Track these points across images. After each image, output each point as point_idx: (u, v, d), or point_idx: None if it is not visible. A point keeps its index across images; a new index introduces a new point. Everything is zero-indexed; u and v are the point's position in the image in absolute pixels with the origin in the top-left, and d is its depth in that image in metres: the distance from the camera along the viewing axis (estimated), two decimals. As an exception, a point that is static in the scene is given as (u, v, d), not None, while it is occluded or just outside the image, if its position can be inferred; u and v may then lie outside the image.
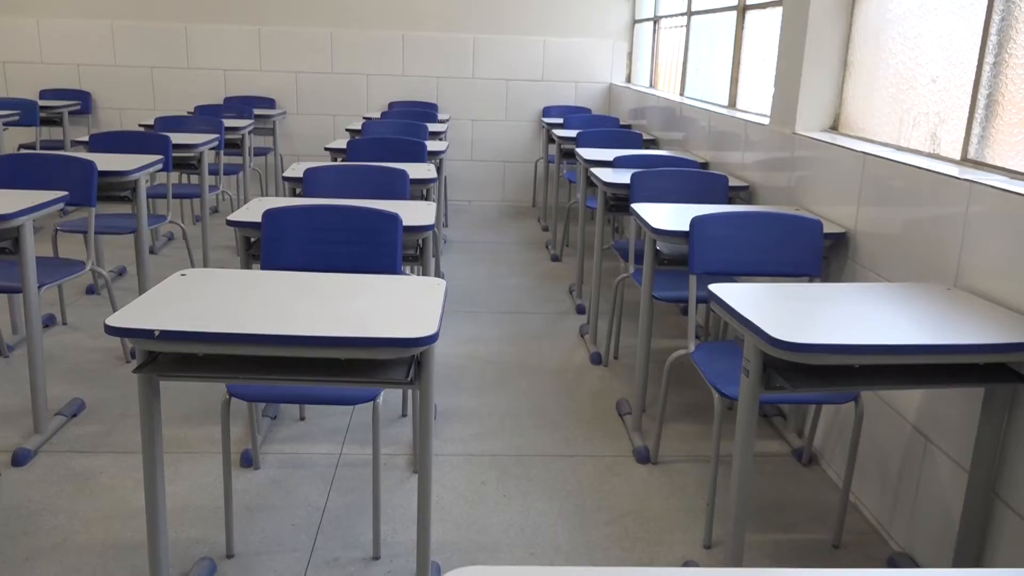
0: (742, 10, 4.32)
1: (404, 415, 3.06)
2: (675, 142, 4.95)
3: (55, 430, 2.85)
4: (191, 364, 1.72)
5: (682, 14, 5.54)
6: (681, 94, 5.44)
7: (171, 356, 1.72)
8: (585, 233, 4.35)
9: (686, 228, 2.58)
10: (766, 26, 4.05)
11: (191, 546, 2.24)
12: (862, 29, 3.09)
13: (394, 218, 2.45)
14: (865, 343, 1.68)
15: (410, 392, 3.01)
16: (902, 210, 2.39)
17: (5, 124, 5.54)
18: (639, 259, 3.09)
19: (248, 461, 2.67)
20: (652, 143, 5.29)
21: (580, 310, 4.34)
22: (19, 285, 2.74)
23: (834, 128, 3.24)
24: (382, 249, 2.46)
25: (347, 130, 5.20)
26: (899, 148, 2.74)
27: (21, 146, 6.17)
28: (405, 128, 4.88)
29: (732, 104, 4.42)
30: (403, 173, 3.23)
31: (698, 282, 2.61)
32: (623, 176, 3.51)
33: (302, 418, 3.01)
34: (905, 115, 2.78)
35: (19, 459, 2.62)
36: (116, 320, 1.62)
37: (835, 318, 1.83)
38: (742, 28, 4.33)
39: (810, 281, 2.59)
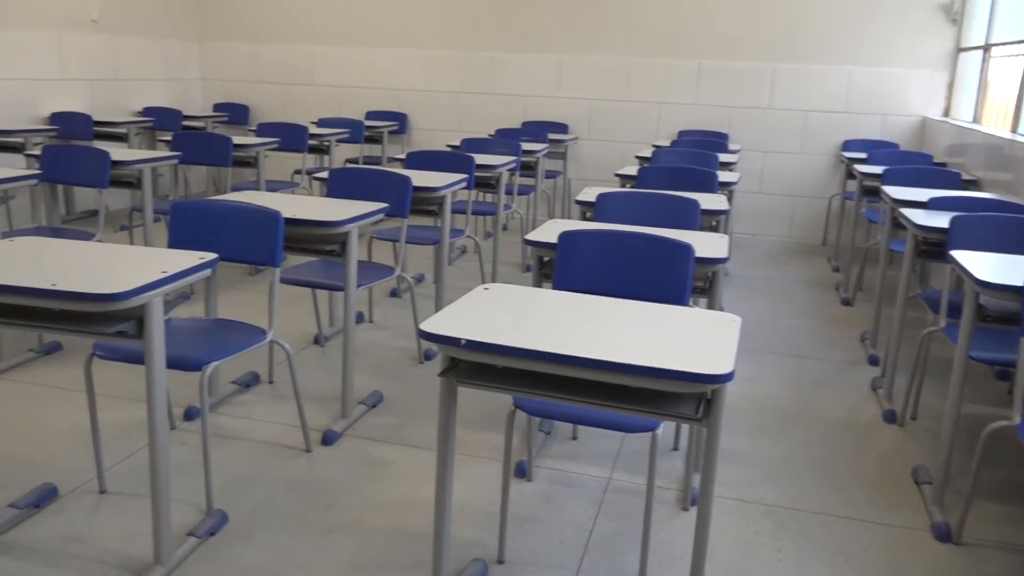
0: (1104, 37, 3.74)
1: (675, 448, 3.00)
2: (1003, 184, 4.40)
3: (357, 417, 3.15)
4: (488, 374, 1.80)
5: (1022, 41, 4.93)
6: (1014, 131, 4.83)
7: (470, 364, 1.83)
8: (886, 278, 3.99)
9: (1020, 283, 2.27)
10: None
11: (467, 545, 2.35)
12: None
13: (687, 248, 2.42)
14: None
15: (685, 427, 2.94)
16: None
17: (338, 140, 6.31)
18: (953, 312, 2.78)
19: (522, 472, 2.76)
20: (972, 184, 4.74)
21: (873, 361, 3.99)
22: (342, 284, 3.07)
23: None
24: (672, 279, 2.43)
25: (636, 157, 5.24)
26: None
27: (347, 161, 6.97)
28: (695, 157, 4.82)
29: (1081, 144, 3.84)
30: (694, 203, 3.19)
31: (1031, 346, 2.28)
32: (939, 219, 3.17)
33: (574, 437, 3.06)
34: None
35: (328, 439, 2.94)
36: (429, 326, 1.75)
37: None
38: (1102, 57, 3.75)
39: None
